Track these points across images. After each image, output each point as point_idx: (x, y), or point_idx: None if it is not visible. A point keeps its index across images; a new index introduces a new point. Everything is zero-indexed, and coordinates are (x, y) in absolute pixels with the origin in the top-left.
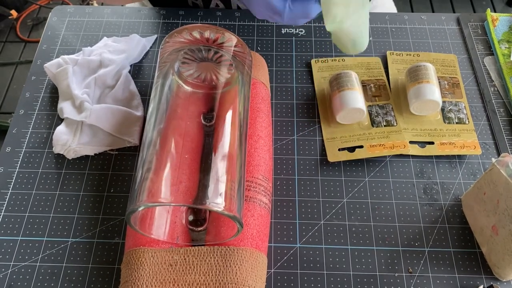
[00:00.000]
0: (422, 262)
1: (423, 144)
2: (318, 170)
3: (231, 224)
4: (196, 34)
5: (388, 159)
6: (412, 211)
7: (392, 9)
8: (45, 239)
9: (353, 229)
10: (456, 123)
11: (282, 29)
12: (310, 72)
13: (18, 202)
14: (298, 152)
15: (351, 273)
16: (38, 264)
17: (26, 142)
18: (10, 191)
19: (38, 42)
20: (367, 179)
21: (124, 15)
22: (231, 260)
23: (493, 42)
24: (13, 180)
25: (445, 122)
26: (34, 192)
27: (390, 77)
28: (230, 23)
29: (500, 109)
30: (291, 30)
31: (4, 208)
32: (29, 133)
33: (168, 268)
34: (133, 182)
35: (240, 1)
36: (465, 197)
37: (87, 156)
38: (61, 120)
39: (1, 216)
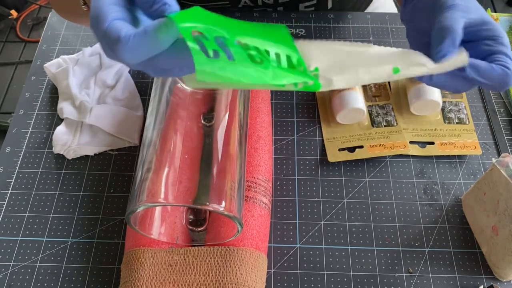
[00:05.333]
0: (422, 262)
1: (423, 144)
2: (318, 170)
3: (231, 224)
4: None
5: (388, 159)
6: (412, 211)
7: (392, 9)
8: (45, 239)
9: (353, 229)
10: (456, 123)
11: None
12: None
13: (18, 202)
14: (298, 152)
15: (351, 273)
16: (38, 264)
17: (26, 142)
18: (10, 191)
19: (38, 42)
20: (367, 179)
21: None
22: (231, 261)
23: None
24: (13, 180)
25: (445, 122)
26: (34, 192)
27: None
28: None
29: (500, 109)
30: (291, 30)
31: (4, 208)
32: (29, 133)
33: (168, 268)
34: (133, 182)
35: None
36: (465, 197)
37: (87, 156)
38: (61, 120)
39: (1, 216)
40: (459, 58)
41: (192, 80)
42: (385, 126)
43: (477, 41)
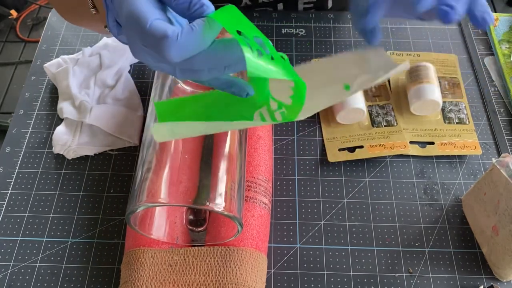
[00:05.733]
0: (422, 262)
1: (423, 144)
2: (318, 170)
3: (231, 225)
4: None
5: (388, 159)
6: (412, 211)
7: None
8: (45, 239)
9: (353, 229)
10: (457, 123)
11: (282, 29)
12: None
13: (18, 202)
14: (298, 152)
15: (351, 273)
16: (38, 264)
17: (26, 142)
18: (10, 191)
19: (38, 42)
20: (367, 179)
21: None
22: (231, 261)
23: (493, 42)
24: (13, 180)
25: (445, 122)
26: (34, 192)
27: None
28: None
29: (501, 109)
30: (291, 30)
31: (4, 208)
32: (29, 133)
33: (168, 268)
34: (133, 182)
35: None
36: (465, 197)
37: (87, 156)
38: (61, 120)
39: (1, 216)
40: (402, 66)
41: (161, 133)
42: (385, 126)
43: None
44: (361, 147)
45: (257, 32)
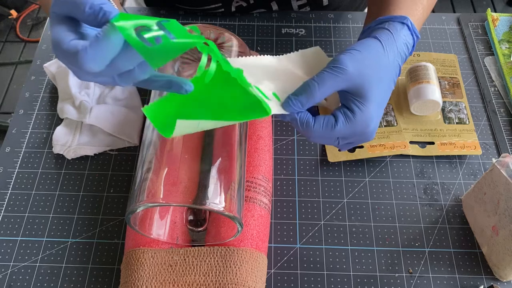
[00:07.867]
0: (422, 262)
1: (423, 144)
2: (318, 170)
3: (231, 225)
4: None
5: (388, 159)
6: (412, 211)
7: None
8: (45, 239)
9: (353, 229)
10: (457, 123)
11: (282, 29)
12: None
13: (18, 202)
14: (298, 152)
15: (351, 273)
16: (38, 264)
17: (25, 142)
18: (10, 191)
19: (38, 42)
20: (367, 179)
21: None
22: (231, 261)
23: (493, 42)
24: (13, 180)
25: (445, 122)
26: (34, 192)
27: None
28: (230, 23)
29: (501, 109)
30: (291, 30)
31: (4, 208)
32: (28, 133)
33: (168, 268)
34: (133, 182)
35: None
36: (465, 197)
37: (86, 156)
38: (61, 120)
39: (1, 216)
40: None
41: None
42: (385, 126)
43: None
44: (361, 147)
45: (158, 19)
